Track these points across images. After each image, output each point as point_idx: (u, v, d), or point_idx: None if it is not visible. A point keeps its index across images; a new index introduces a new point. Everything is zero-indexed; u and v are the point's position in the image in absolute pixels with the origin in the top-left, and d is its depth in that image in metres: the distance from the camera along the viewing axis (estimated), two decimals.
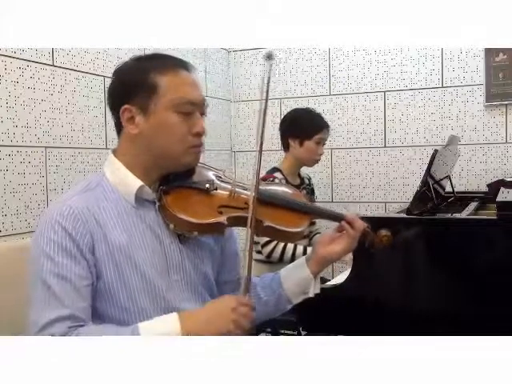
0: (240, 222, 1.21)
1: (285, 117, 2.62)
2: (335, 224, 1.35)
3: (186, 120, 1.17)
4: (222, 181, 1.29)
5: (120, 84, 1.20)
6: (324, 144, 2.56)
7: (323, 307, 1.32)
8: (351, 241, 1.30)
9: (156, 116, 1.16)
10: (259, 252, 2.43)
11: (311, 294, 1.31)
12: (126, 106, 1.16)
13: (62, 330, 1.02)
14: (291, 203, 1.31)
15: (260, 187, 1.25)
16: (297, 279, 1.32)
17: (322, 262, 1.31)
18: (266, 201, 1.26)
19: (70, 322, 1.04)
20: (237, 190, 1.27)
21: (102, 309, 1.12)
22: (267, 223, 1.22)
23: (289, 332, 2.35)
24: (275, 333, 2.41)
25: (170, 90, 1.16)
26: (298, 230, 1.28)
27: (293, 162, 2.54)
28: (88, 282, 1.09)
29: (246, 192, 1.27)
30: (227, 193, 1.26)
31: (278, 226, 1.24)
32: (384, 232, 1.35)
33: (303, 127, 2.49)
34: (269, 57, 1.15)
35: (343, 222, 1.31)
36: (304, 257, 1.35)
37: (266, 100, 1.16)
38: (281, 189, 1.41)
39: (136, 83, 1.16)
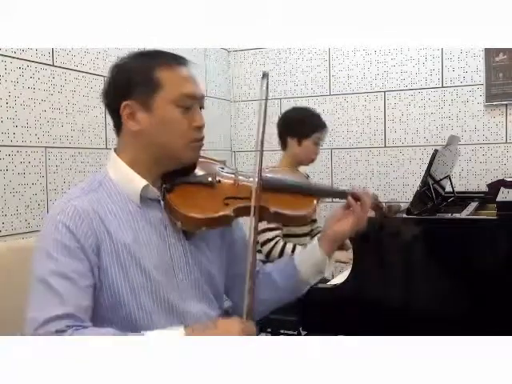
0: (247, 211, 1.18)
1: (283, 115, 2.60)
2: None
3: (187, 114, 1.18)
4: (224, 172, 1.28)
5: (121, 80, 1.19)
6: (321, 145, 2.57)
7: (323, 307, 1.32)
8: (359, 218, 1.29)
9: (158, 112, 1.16)
10: (259, 251, 2.43)
11: (326, 274, 1.32)
12: (126, 102, 1.16)
13: (60, 328, 1.01)
14: (295, 186, 1.31)
15: (263, 174, 1.23)
16: (312, 261, 1.32)
17: (333, 240, 1.31)
18: (270, 187, 1.24)
19: (70, 320, 1.03)
20: (240, 178, 1.26)
21: (105, 308, 1.12)
22: (273, 209, 1.21)
23: (289, 332, 2.35)
24: (275, 333, 2.41)
25: (173, 86, 1.17)
26: (305, 212, 1.27)
27: (290, 160, 2.53)
28: (90, 281, 1.09)
29: (249, 179, 1.26)
30: (231, 183, 1.25)
31: (284, 211, 1.23)
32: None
33: (302, 126, 2.48)
34: (264, 75, 1.17)
35: (350, 199, 1.29)
36: (316, 238, 1.34)
37: (265, 115, 1.17)
38: (284, 174, 1.41)
39: (140, 80, 1.16)
